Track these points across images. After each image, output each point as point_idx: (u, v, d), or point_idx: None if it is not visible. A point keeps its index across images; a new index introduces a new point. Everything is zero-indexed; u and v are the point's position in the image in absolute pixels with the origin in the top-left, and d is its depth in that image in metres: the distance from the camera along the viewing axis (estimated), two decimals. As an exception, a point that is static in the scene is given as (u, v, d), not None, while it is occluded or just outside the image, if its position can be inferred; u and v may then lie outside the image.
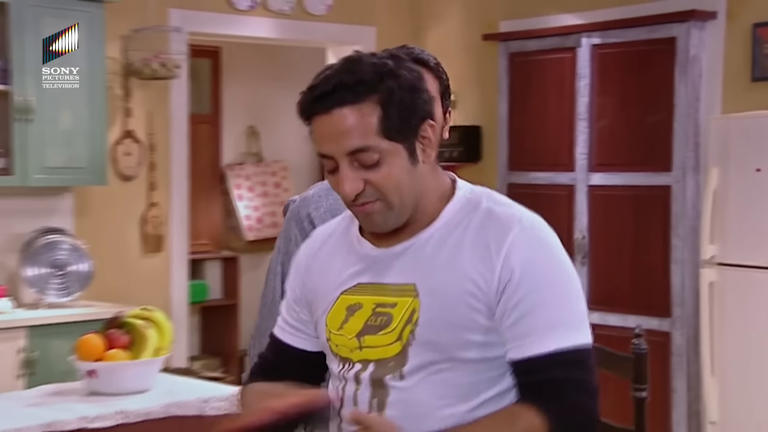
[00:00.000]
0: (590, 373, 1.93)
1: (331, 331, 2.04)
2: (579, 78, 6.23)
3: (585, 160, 6.23)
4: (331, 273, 2.09)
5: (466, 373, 1.93)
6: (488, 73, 6.81)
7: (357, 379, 1.99)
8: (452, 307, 1.91)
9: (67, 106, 5.75)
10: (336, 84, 1.90)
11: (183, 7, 6.29)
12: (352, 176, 1.91)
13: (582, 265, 6.22)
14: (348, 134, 1.89)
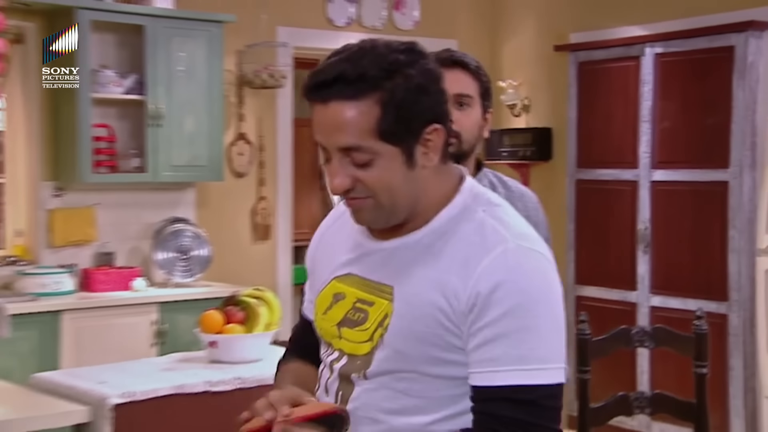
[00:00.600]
0: (542, 415, 1.66)
1: (317, 313, 1.88)
2: (642, 84, 6.15)
3: (648, 158, 6.15)
4: (332, 253, 1.91)
5: (429, 388, 1.72)
6: (559, 81, 6.74)
7: (331, 367, 1.82)
8: (422, 320, 1.69)
9: (191, 112, 5.84)
10: (337, 76, 1.66)
11: (289, 25, 6.34)
12: (341, 172, 1.70)
13: (644, 253, 6.15)
14: (342, 130, 1.68)
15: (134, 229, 5.96)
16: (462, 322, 1.67)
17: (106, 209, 5.84)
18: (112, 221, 5.86)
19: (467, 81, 2.47)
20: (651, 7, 6.21)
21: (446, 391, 1.72)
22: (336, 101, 1.67)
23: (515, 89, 6.97)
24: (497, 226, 1.72)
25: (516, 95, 6.97)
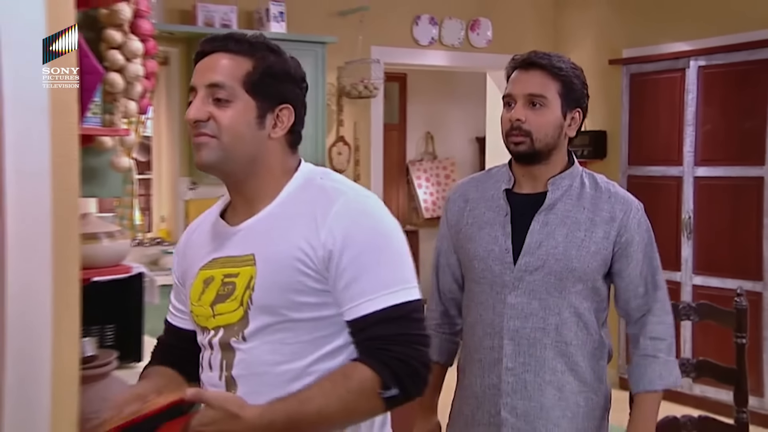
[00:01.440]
0: (413, 327, 1.67)
1: (192, 302, 1.80)
2: (687, 92, 6.12)
3: (691, 156, 6.13)
4: (196, 254, 1.85)
5: (301, 333, 1.68)
6: (612, 90, 6.73)
7: (210, 344, 1.75)
8: (282, 272, 1.67)
9: (299, 119, 5.92)
10: (228, 36, 1.76)
11: (381, 44, 6.40)
12: (200, 105, 1.71)
13: (688, 239, 6.14)
14: (215, 70, 1.71)
15: (252, 217, 6.05)
16: (322, 267, 1.66)
17: (229, 200, 5.93)
18: (234, 210, 5.95)
19: (543, 81, 2.27)
20: (695, 25, 6.16)
21: (317, 333, 1.69)
22: (220, 52, 1.73)
23: (575, 97, 6.96)
24: (335, 185, 1.76)
25: (575, 103, 6.95)
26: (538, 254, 2.25)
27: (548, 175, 2.32)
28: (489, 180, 2.42)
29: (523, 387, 2.24)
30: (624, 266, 2.31)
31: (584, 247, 2.25)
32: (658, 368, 2.30)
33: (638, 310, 2.36)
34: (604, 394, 2.34)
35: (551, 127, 2.27)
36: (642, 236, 2.34)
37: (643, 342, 2.34)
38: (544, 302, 2.24)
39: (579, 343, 2.27)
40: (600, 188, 2.35)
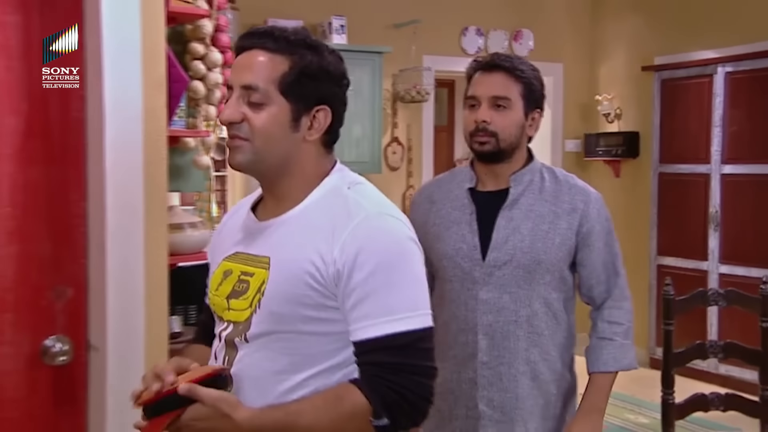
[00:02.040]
0: (417, 356, 1.49)
1: (211, 291, 1.67)
2: (715, 96, 6.04)
3: (718, 155, 6.05)
4: (225, 241, 1.72)
5: (303, 345, 1.52)
6: (645, 94, 6.66)
7: (220, 336, 1.63)
8: (292, 282, 1.50)
9: (358, 121, 5.92)
10: (266, 32, 1.57)
11: (432, 53, 6.40)
12: (234, 106, 1.55)
13: (715, 231, 6.06)
14: (251, 70, 1.54)
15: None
16: (332, 284, 1.49)
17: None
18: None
19: (506, 83, 2.14)
20: (722, 34, 6.07)
21: (319, 347, 1.53)
22: (257, 49, 1.56)
23: (609, 101, 6.92)
24: (359, 200, 1.55)
25: (610, 106, 6.91)
26: (505, 249, 2.14)
27: (510, 171, 2.21)
28: (452, 180, 2.30)
29: (498, 379, 2.15)
30: (586, 255, 2.21)
31: (549, 239, 2.15)
32: (614, 351, 2.21)
33: (600, 296, 2.26)
34: (570, 382, 2.27)
35: (515, 128, 2.16)
36: (602, 225, 2.22)
37: (600, 325, 2.25)
38: (514, 295, 2.14)
39: (550, 332, 2.18)
40: (560, 181, 2.24)
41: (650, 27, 6.69)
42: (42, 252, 2.37)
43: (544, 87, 2.22)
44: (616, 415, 5.39)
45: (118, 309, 2.25)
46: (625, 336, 2.24)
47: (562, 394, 2.21)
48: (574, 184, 2.24)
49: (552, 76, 7.03)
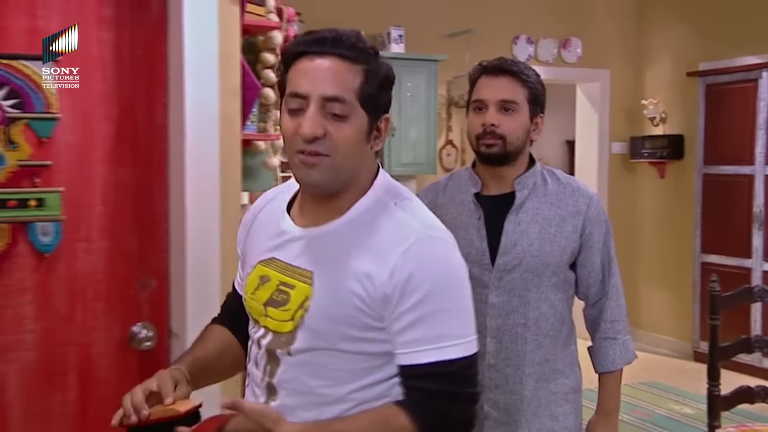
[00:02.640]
0: (463, 384, 1.41)
1: (247, 293, 1.54)
2: (759, 101, 5.92)
3: (763, 156, 5.92)
4: (259, 238, 1.56)
5: (346, 362, 1.42)
6: (689, 99, 6.55)
7: (259, 343, 1.50)
8: (339, 303, 1.40)
9: (415, 125, 5.95)
10: (336, 37, 1.39)
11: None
12: (318, 119, 1.36)
13: (759, 230, 5.95)
14: (332, 80, 1.37)
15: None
16: (379, 306, 1.39)
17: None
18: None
19: (513, 88, 2.04)
20: (765, 40, 5.95)
21: (361, 365, 1.43)
22: (333, 57, 1.37)
23: (655, 105, 6.82)
24: (409, 219, 1.42)
25: (655, 110, 6.82)
26: (514, 253, 2.04)
27: (513, 175, 2.09)
28: (454, 185, 2.18)
29: (504, 381, 2.06)
30: (587, 256, 2.12)
31: (556, 241, 2.06)
32: (618, 349, 2.16)
33: (596, 294, 2.17)
34: (577, 378, 2.17)
35: (522, 131, 2.06)
36: (601, 226, 2.13)
37: (603, 325, 2.17)
38: (523, 298, 2.05)
39: (554, 333, 2.09)
40: (562, 183, 2.13)
41: (694, 34, 6.58)
42: (129, 246, 2.43)
43: (545, 92, 2.13)
44: (661, 405, 5.31)
45: (197, 298, 2.30)
46: (625, 331, 2.19)
47: (566, 393, 2.12)
48: (577, 187, 2.14)
49: (599, 81, 6.96)
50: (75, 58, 2.37)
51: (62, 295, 2.39)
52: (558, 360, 2.11)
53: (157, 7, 2.45)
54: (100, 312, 2.42)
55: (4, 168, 2.33)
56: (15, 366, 2.36)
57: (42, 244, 2.37)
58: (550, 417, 2.08)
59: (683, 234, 6.59)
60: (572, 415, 2.12)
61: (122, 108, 2.41)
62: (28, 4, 2.33)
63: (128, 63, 2.41)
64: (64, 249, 2.38)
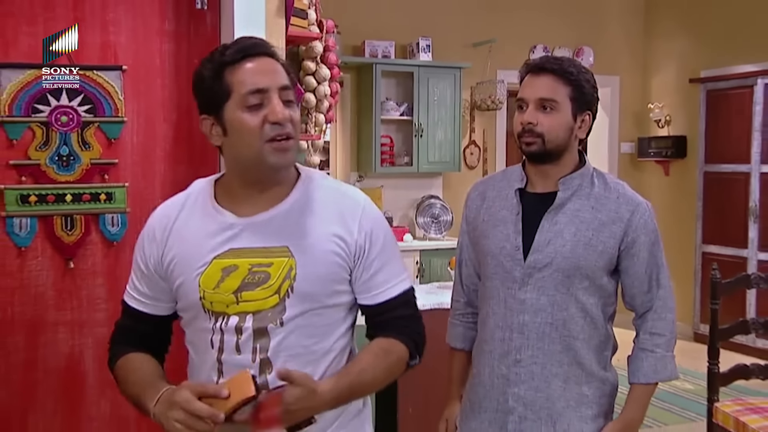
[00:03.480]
0: (416, 306, 1.56)
1: (205, 290, 1.43)
2: (755, 105, 5.77)
3: (758, 156, 5.78)
4: (193, 241, 1.46)
5: (327, 317, 1.46)
6: (692, 103, 6.44)
7: (238, 330, 1.42)
8: (324, 263, 1.43)
9: (441, 127, 5.91)
10: (260, 41, 1.43)
11: (504, 68, 6.29)
12: (283, 107, 1.38)
13: (754, 222, 5.81)
14: (279, 72, 1.40)
15: (404, 202, 6.08)
16: (352, 259, 1.46)
17: (388, 189, 6.00)
18: (391, 197, 6.01)
19: (554, 86, 1.85)
20: (762, 50, 5.83)
21: (337, 315, 1.48)
22: (266, 57, 1.41)
23: (660, 109, 6.72)
24: (346, 188, 1.54)
25: (661, 113, 6.72)
26: (546, 252, 1.86)
27: (559, 174, 1.90)
28: (505, 179, 2.00)
29: (530, 378, 1.89)
30: (630, 264, 1.90)
31: (591, 246, 1.85)
32: (654, 362, 1.95)
33: (642, 306, 1.96)
34: (611, 382, 1.97)
35: (562, 129, 1.85)
36: (648, 236, 1.89)
37: (642, 336, 1.96)
38: (552, 298, 1.86)
39: (585, 337, 1.89)
40: (609, 188, 1.92)
41: (696, 44, 6.46)
42: (186, 235, 2.44)
43: (596, 90, 1.91)
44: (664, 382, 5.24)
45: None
46: (667, 347, 1.97)
47: (598, 396, 1.93)
48: (623, 193, 1.91)
49: (609, 87, 6.87)
50: (140, 67, 2.39)
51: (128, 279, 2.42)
52: (592, 364, 1.92)
53: (211, 21, 2.46)
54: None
55: (80, 166, 2.36)
56: (90, 340, 2.40)
57: (111, 233, 2.40)
58: (579, 419, 1.90)
59: (686, 226, 6.50)
60: (603, 418, 1.94)
61: (180, 112, 2.42)
62: (101, 22, 2.36)
63: (185, 71, 2.42)
64: (130, 238, 2.41)
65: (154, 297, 1.52)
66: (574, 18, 6.72)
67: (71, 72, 2.33)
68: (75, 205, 2.35)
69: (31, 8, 2.28)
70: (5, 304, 2.31)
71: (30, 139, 2.31)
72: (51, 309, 2.36)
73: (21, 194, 2.30)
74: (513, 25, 6.43)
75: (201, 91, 1.44)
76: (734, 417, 2.98)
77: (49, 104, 2.31)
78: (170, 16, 2.41)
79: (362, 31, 5.81)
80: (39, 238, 2.33)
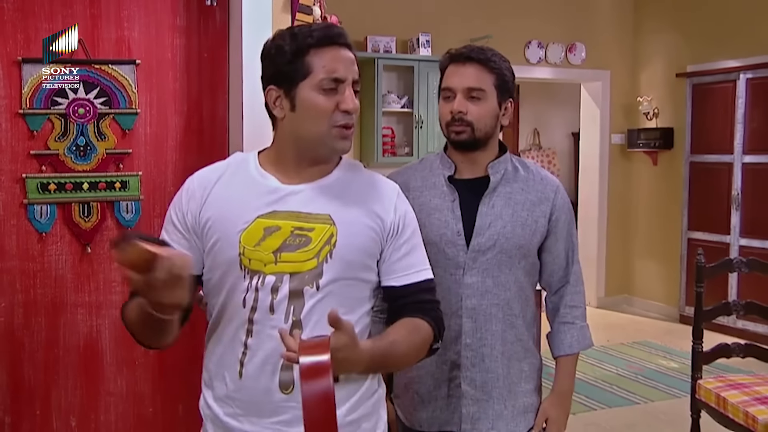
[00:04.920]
0: (437, 295, 1.52)
1: (245, 246, 1.38)
2: (737, 98, 5.76)
3: (740, 147, 5.76)
4: (236, 201, 1.42)
5: (357, 290, 1.42)
6: (678, 96, 6.40)
7: (274, 289, 1.37)
8: (361, 235, 1.41)
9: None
10: (343, 31, 1.43)
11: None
12: (354, 98, 1.41)
13: (736, 210, 5.80)
14: (354, 66, 1.42)
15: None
16: (384, 238, 1.44)
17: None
18: (392, 185, 6.02)
19: (480, 75, 1.78)
20: (744, 47, 5.80)
21: (365, 293, 1.44)
22: (347, 48, 1.41)
23: (649, 102, 6.68)
24: (382, 177, 1.54)
25: (649, 106, 6.68)
26: (488, 234, 1.81)
27: (486, 160, 1.85)
28: (426, 168, 1.91)
29: (481, 360, 1.84)
30: (552, 243, 1.88)
31: (528, 225, 1.83)
32: (576, 333, 1.93)
33: (559, 281, 1.94)
34: (539, 357, 1.96)
35: (489, 117, 1.80)
36: (566, 215, 1.89)
37: (562, 310, 1.94)
38: (496, 279, 1.82)
39: (523, 314, 1.87)
40: (530, 170, 1.90)
41: (684, 40, 6.43)
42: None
43: (514, 77, 1.87)
44: (651, 361, 5.26)
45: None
46: (583, 318, 1.96)
47: (532, 371, 1.92)
48: (545, 175, 1.90)
49: (601, 81, 6.84)
50: (153, 61, 2.38)
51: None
52: (528, 340, 1.90)
53: (221, 17, 2.45)
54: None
55: (96, 155, 2.35)
56: (107, 321, 2.41)
57: (125, 219, 2.40)
58: (522, 394, 1.88)
59: (672, 213, 6.49)
60: (537, 392, 1.93)
61: (190, 104, 2.42)
62: (116, 18, 2.35)
63: (196, 65, 2.41)
64: (144, 224, 2.41)
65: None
66: (566, 15, 6.68)
67: (88, 66, 2.32)
68: (92, 193, 2.35)
69: (50, 6, 2.27)
70: (28, 287, 2.31)
71: (49, 130, 2.30)
72: (70, 291, 2.36)
73: (41, 182, 2.30)
74: (508, 22, 6.39)
75: (276, 63, 1.41)
76: (716, 393, 2.98)
77: (67, 97, 2.31)
78: (181, 13, 2.40)
79: (365, 27, 5.78)
80: (58, 224, 2.33)
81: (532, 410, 1.90)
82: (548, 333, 1.98)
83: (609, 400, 4.42)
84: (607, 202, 6.95)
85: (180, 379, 2.47)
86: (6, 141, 2.27)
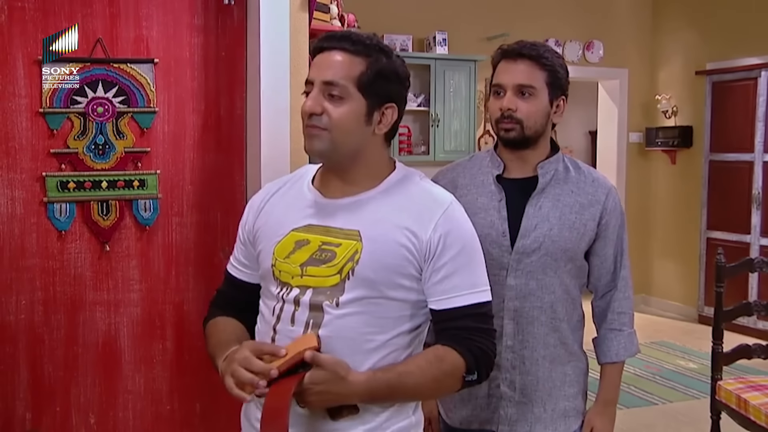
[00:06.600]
0: (489, 322, 1.44)
1: (277, 258, 1.43)
2: (759, 96, 5.69)
3: (761, 145, 5.70)
4: (280, 213, 1.48)
5: (389, 309, 1.39)
6: (698, 94, 6.34)
7: (296, 301, 1.39)
8: (389, 253, 1.37)
9: (456, 117, 5.87)
10: (345, 35, 1.41)
11: (518, 61, 6.28)
12: (316, 99, 1.38)
13: (757, 209, 5.74)
14: (332, 68, 1.38)
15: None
16: (422, 257, 1.39)
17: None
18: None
19: (531, 72, 1.74)
20: (766, 43, 5.73)
21: (401, 312, 1.40)
22: (337, 50, 1.39)
23: (667, 100, 6.63)
24: (437, 190, 1.46)
25: (668, 104, 6.62)
26: (534, 236, 1.77)
27: (536, 159, 1.82)
28: (475, 166, 1.88)
29: (521, 363, 1.81)
30: (601, 246, 1.84)
31: (575, 228, 1.79)
32: (623, 341, 1.89)
33: (606, 286, 1.90)
34: (585, 361, 1.92)
35: (540, 115, 1.76)
36: (617, 218, 1.86)
37: (610, 316, 1.90)
38: (540, 282, 1.79)
39: (567, 317, 1.83)
40: (582, 172, 1.85)
41: (702, 38, 6.36)
42: (213, 220, 2.45)
43: (568, 74, 1.82)
44: (669, 361, 5.21)
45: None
46: (631, 324, 1.92)
47: (577, 375, 1.88)
48: (597, 177, 1.86)
49: (618, 79, 6.79)
50: (171, 60, 2.39)
51: (160, 261, 2.43)
52: (573, 344, 1.87)
53: (238, 16, 2.45)
54: (190, 276, 2.46)
55: (114, 154, 2.36)
56: (125, 319, 2.42)
57: (143, 218, 2.41)
58: (564, 398, 1.85)
59: (691, 213, 6.42)
60: (581, 396, 1.90)
61: (208, 102, 2.42)
62: (134, 17, 2.36)
63: (213, 64, 2.42)
64: (161, 222, 2.42)
65: (246, 265, 1.54)
66: (584, 12, 6.63)
67: (107, 65, 2.34)
68: (110, 192, 2.36)
69: (70, 6, 2.29)
70: (48, 285, 2.33)
71: (69, 129, 2.32)
72: (89, 289, 2.38)
73: (60, 181, 2.31)
74: (525, 20, 6.36)
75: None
76: (736, 394, 2.95)
77: (86, 96, 2.32)
78: (199, 12, 2.40)
79: (381, 25, 5.78)
80: (77, 222, 2.35)
81: (574, 414, 1.86)
82: (594, 338, 1.93)
83: (627, 401, 4.39)
84: (625, 201, 6.91)
85: (198, 378, 2.48)
86: (26, 140, 2.29)
